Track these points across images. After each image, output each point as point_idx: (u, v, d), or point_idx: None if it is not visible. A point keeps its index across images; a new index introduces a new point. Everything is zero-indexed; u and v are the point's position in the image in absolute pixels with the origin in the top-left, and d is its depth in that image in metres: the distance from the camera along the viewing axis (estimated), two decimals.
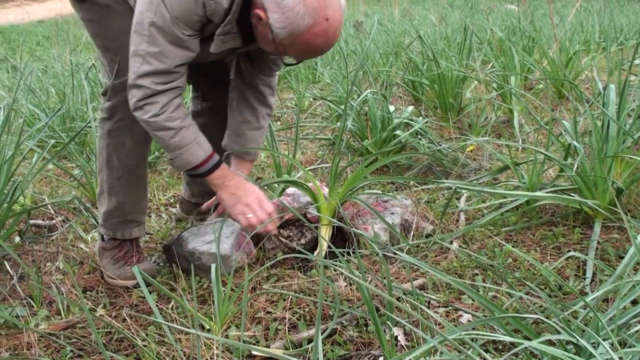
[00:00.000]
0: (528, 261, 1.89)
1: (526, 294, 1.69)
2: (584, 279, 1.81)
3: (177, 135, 1.86)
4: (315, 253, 2.12)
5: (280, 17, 1.65)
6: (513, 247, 2.04)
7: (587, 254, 1.91)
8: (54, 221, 2.60)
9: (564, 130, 2.49)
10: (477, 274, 1.91)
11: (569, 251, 1.96)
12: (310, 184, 2.19)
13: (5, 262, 2.10)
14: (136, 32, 1.77)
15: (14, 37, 16.19)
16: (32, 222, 2.55)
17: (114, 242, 2.13)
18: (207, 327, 1.72)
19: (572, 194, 2.18)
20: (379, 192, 2.48)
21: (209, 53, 1.86)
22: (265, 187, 2.38)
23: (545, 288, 1.77)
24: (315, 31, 1.65)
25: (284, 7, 1.63)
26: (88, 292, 2.03)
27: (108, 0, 1.90)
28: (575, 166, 2.13)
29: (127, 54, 1.81)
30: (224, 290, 1.75)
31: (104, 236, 2.14)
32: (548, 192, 2.19)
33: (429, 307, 1.75)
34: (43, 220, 2.66)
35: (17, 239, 2.40)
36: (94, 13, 1.93)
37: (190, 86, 2.36)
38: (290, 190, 2.36)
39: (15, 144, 2.35)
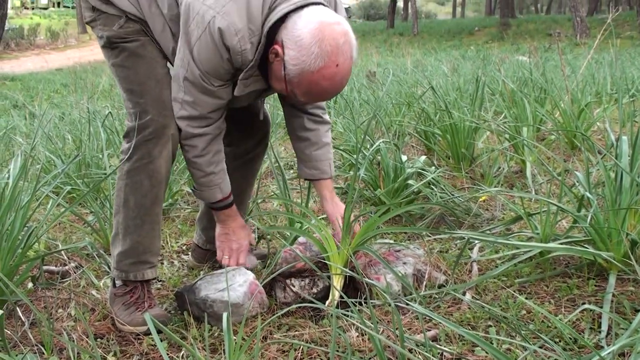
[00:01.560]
0: (542, 313, 1.86)
1: (541, 347, 1.67)
2: (599, 332, 1.78)
3: (206, 178, 2.13)
4: (327, 303, 2.11)
5: (295, 54, 1.78)
6: (527, 298, 2.02)
7: (602, 307, 1.88)
8: (66, 267, 2.61)
9: (577, 182, 2.49)
10: (490, 326, 1.89)
11: (584, 303, 1.94)
12: (316, 235, 2.20)
13: (18, 308, 2.10)
14: (174, 81, 2.02)
15: (33, 84, 16.52)
16: (45, 268, 2.56)
17: (125, 288, 2.14)
18: None
19: (586, 245, 2.17)
20: (391, 241, 2.47)
21: (237, 97, 2.02)
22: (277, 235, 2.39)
23: (560, 341, 1.74)
24: (324, 74, 1.78)
25: (300, 45, 1.77)
26: (99, 340, 2.02)
27: (137, 47, 2.03)
28: (589, 218, 2.12)
29: (151, 97, 2.02)
30: (235, 339, 1.74)
31: (116, 282, 2.15)
32: (561, 244, 2.17)
33: (441, 359, 1.73)
34: (56, 266, 2.67)
35: (30, 284, 2.40)
36: (123, 58, 2.05)
37: None
38: (302, 239, 2.36)
39: (31, 190, 2.38)
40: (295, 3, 1.81)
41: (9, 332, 1.98)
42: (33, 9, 48.75)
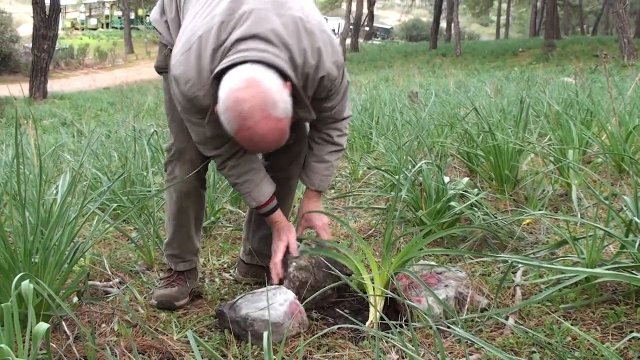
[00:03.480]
0: (588, 341, 1.82)
1: None
2: None
3: (236, 187, 2.32)
4: (367, 324, 2.10)
5: (220, 116, 1.87)
6: (572, 325, 1.98)
7: None
8: (110, 283, 2.65)
9: (625, 206, 2.43)
10: (534, 352, 1.85)
11: (632, 332, 1.88)
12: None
13: (63, 322, 2.14)
14: None
15: (81, 102, 16.95)
16: (90, 283, 2.60)
17: (168, 272, 2.53)
18: None
19: (634, 272, 2.11)
20: (433, 263, 2.45)
21: None
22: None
23: None
24: (242, 135, 1.85)
25: (220, 108, 1.85)
26: (140, 355, 2.04)
27: None
28: (637, 243, 2.07)
29: (176, 123, 2.27)
30: (275, 359, 1.74)
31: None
32: (608, 269, 2.12)
33: None
34: (100, 281, 2.71)
35: (75, 299, 2.45)
36: (166, 85, 2.30)
37: None
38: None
39: (78, 206, 2.43)
40: (231, 60, 1.86)
41: (54, 345, 2.01)
42: (83, 29, 50.12)
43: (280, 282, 2.31)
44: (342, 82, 2.17)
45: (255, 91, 1.79)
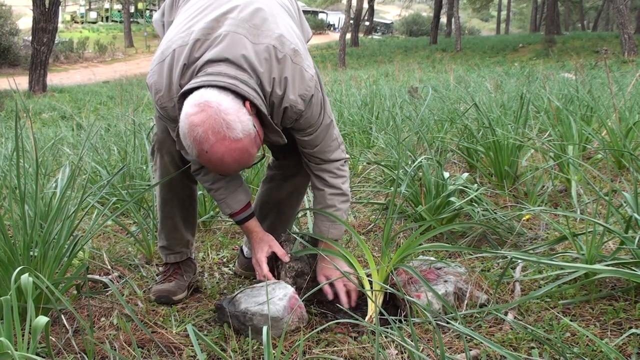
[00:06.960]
0: (587, 336, 1.82)
1: None
2: None
3: (210, 193, 2.32)
4: (367, 319, 2.10)
5: (182, 141, 1.88)
6: (571, 321, 1.98)
7: None
8: (110, 276, 2.65)
9: (625, 202, 2.43)
10: (533, 348, 1.85)
11: (631, 328, 1.89)
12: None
13: (62, 316, 2.14)
14: None
15: (80, 96, 16.95)
16: (89, 276, 2.60)
17: (164, 267, 2.55)
18: None
19: (633, 268, 2.12)
20: (433, 258, 2.45)
21: None
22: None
23: None
24: (203, 159, 1.86)
25: (180, 134, 1.86)
26: (139, 349, 2.04)
27: None
28: (637, 239, 2.07)
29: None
30: (274, 353, 1.74)
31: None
32: (608, 265, 2.12)
33: None
34: (100, 275, 2.71)
35: (74, 292, 2.44)
36: None
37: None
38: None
39: (78, 200, 2.43)
40: (192, 83, 1.85)
41: (53, 339, 2.01)
42: (82, 23, 50.05)
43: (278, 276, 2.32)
44: (320, 119, 2.14)
45: (207, 115, 1.78)
